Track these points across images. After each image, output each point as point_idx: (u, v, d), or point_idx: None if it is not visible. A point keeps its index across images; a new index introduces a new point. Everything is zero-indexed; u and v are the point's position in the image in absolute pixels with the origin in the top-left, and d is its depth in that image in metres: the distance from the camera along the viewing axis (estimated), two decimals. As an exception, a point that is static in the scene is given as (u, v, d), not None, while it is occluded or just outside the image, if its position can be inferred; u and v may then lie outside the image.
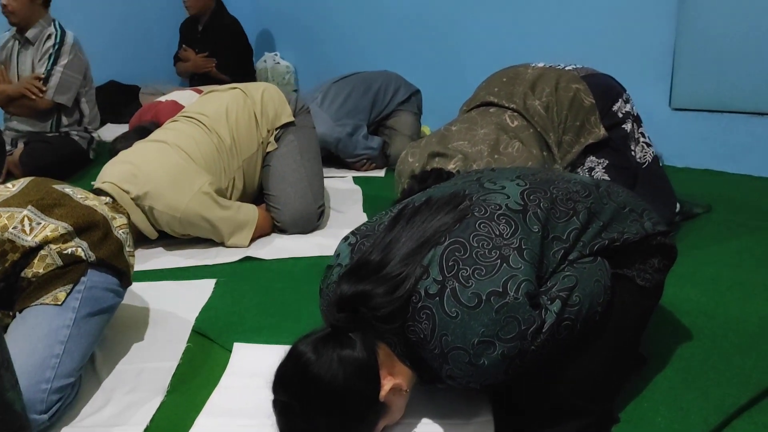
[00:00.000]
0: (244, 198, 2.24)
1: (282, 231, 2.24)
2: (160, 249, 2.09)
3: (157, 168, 1.98)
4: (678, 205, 2.06)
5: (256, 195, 2.32)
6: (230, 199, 2.15)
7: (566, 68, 2.06)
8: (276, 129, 2.25)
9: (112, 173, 2.00)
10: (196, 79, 4.03)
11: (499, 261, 1.09)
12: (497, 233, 1.13)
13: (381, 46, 3.70)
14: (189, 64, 4.05)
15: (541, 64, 2.11)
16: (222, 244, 2.11)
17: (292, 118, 2.27)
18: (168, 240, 2.13)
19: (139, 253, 1.69)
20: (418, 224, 1.18)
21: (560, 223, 1.18)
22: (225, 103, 2.20)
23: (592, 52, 2.76)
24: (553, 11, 2.95)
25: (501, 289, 1.05)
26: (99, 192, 1.92)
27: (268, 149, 2.25)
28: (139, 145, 2.15)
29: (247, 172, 2.22)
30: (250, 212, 2.14)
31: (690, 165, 2.77)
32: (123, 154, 2.10)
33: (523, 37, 3.07)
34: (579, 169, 1.97)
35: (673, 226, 2.03)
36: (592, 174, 1.94)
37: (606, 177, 1.93)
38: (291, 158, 2.26)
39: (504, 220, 1.15)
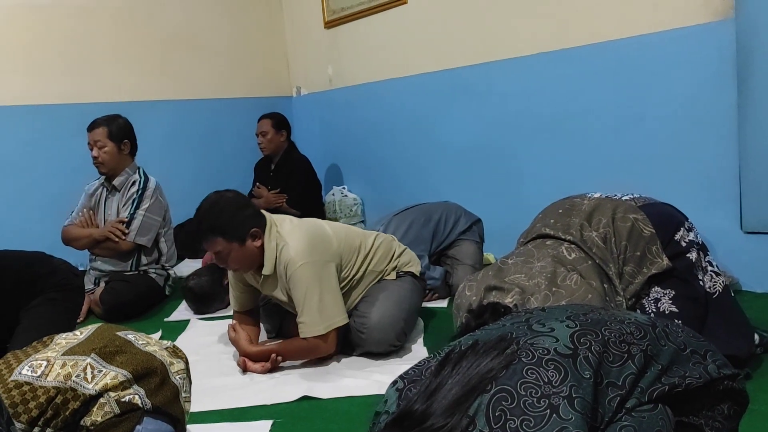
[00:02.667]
0: None
1: (359, 343, 2.28)
2: (218, 387, 2.11)
3: (312, 225, 2.34)
4: (757, 337, 1.93)
5: None
6: None
7: (623, 198, 2.04)
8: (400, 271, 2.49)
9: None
10: (268, 214, 4.22)
11: (548, 411, 1.04)
12: (546, 380, 1.08)
13: (442, 177, 3.80)
14: (261, 200, 4.27)
15: (597, 195, 2.11)
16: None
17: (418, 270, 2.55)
18: (229, 377, 2.15)
19: (197, 389, 1.71)
20: (464, 370, 1.15)
21: (614, 367, 1.13)
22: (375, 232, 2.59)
23: (653, 180, 2.74)
24: (610, 140, 2.97)
25: (551, 443, 1.00)
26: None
27: (386, 277, 2.45)
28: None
29: (360, 285, 2.40)
30: (342, 315, 2.24)
31: (769, 290, 2.61)
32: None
33: (581, 166, 3.09)
34: (644, 300, 1.90)
35: (751, 361, 1.89)
36: (658, 305, 1.86)
37: (673, 308, 1.85)
38: (395, 284, 2.44)
39: (553, 366, 1.10)
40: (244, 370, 2.26)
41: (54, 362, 1.40)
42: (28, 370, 1.38)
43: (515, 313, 1.45)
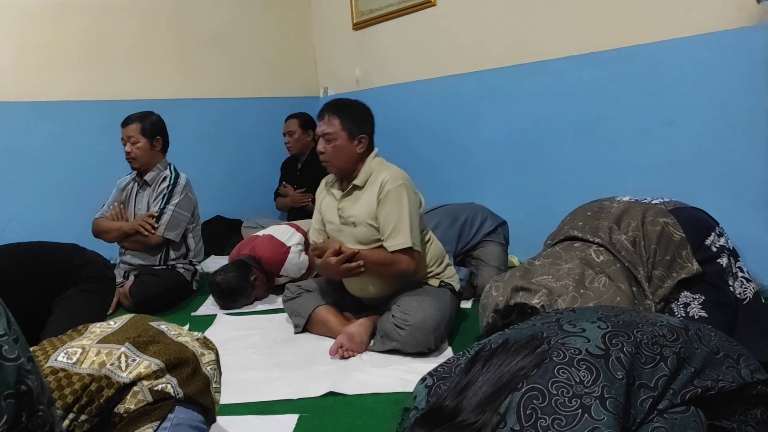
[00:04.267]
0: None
1: (394, 338, 2.29)
2: (244, 380, 2.13)
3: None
4: (788, 344, 1.90)
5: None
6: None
7: (653, 202, 2.03)
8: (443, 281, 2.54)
9: None
10: (293, 213, 4.26)
11: (579, 411, 1.04)
12: (577, 380, 1.08)
13: (469, 179, 3.80)
14: (287, 199, 4.31)
15: (626, 198, 2.10)
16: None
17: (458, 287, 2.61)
18: (256, 371, 2.18)
19: (223, 382, 1.73)
20: (495, 368, 1.16)
21: (647, 369, 1.13)
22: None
23: (682, 185, 2.72)
24: (639, 144, 2.95)
25: (582, 443, 1.00)
26: None
27: (430, 282, 2.50)
28: None
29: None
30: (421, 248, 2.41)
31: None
32: None
33: (609, 170, 3.06)
34: (673, 305, 1.89)
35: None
36: (687, 310, 1.85)
37: (703, 313, 1.83)
38: (438, 291, 2.48)
39: (584, 366, 1.10)
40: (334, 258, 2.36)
41: (89, 350, 1.43)
42: (63, 357, 1.41)
43: (545, 314, 1.45)
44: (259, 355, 2.42)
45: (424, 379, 1.31)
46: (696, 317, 1.84)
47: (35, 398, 0.77)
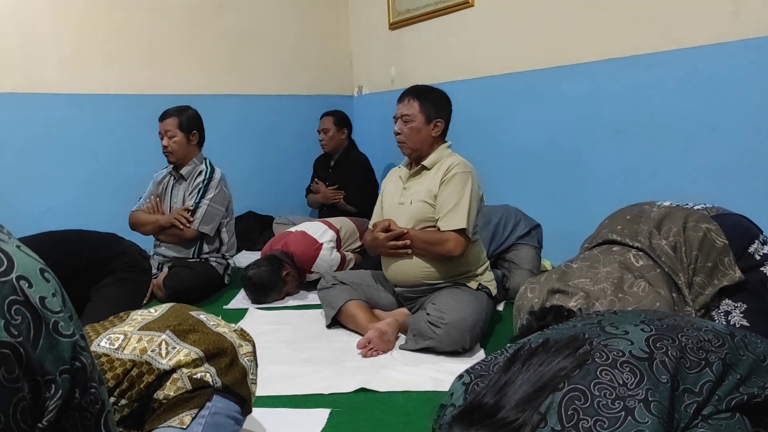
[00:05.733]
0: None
1: (428, 335, 2.28)
2: (276, 374, 2.15)
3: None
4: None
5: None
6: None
7: (695, 207, 2.00)
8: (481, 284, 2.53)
9: None
10: (325, 210, 4.28)
11: (623, 413, 1.02)
12: (620, 382, 1.07)
13: (503, 181, 3.77)
14: (319, 195, 4.33)
15: (667, 203, 2.07)
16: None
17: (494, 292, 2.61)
18: (287, 365, 2.20)
19: (262, 374, 1.75)
20: (535, 367, 1.15)
21: (691, 374, 1.11)
22: None
23: (723, 192, 2.66)
24: (680, 149, 2.90)
25: (625, 445, 0.98)
26: None
27: (467, 284, 2.50)
28: None
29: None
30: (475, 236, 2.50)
31: None
32: None
33: (648, 175, 3.02)
34: (713, 312, 1.85)
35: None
36: (729, 318, 1.81)
37: (744, 322, 1.79)
38: (475, 293, 2.48)
39: (628, 368, 1.09)
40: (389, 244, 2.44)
41: (131, 336, 1.46)
42: (106, 343, 1.44)
43: (585, 315, 1.43)
44: (291, 349, 2.44)
45: (461, 376, 1.30)
46: (737, 326, 1.80)
47: (88, 375, 0.79)
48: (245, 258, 3.88)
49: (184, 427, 1.35)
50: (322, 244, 3.22)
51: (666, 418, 1.04)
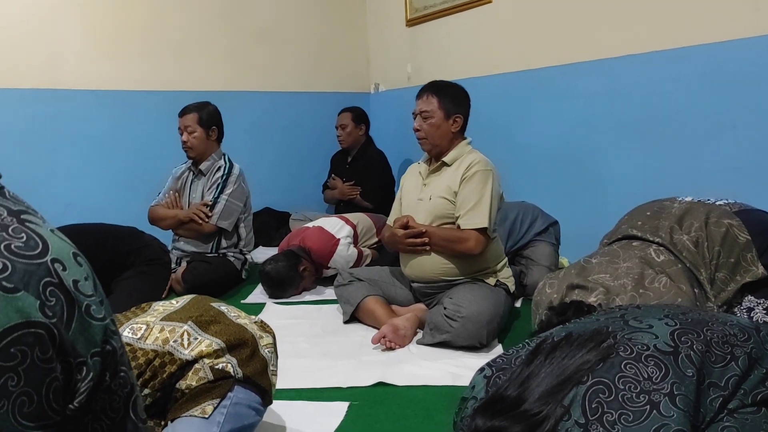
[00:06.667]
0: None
1: (445, 329, 2.28)
2: (295, 367, 2.16)
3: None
4: None
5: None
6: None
7: (717, 203, 1.98)
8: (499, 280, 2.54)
9: None
10: (341, 206, 4.29)
11: (648, 407, 1.02)
12: (645, 376, 1.06)
13: (520, 178, 3.76)
14: (336, 191, 4.34)
15: (688, 198, 2.05)
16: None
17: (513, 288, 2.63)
18: (305, 359, 2.21)
19: (280, 368, 1.76)
20: (558, 360, 1.14)
21: (717, 368, 1.10)
22: None
23: (743, 190, 2.62)
24: (699, 146, 2.87)
25: (650, 439, 0.98)
26: None
27: (486, 280, 2.50)
28: None
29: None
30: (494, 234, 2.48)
31: None
32: None
33: (667, 172, 2.98)
34: (736, 309, 1.83)
35: None
36: (751, 315, 1.79)
37: (767, 318, 1.77)
38: (493, 289, 2.48)
39: (653, 362, 1.08)
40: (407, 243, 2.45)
41: (153, 326, 1.47)
42: (129, 333, 1.45)
43: (608, 309, 1.43)
44: (308, 343, 2.45)
45: (482, 369, 1.30)
46: (760, 323, 1.78)
47: (119, 358, 0.79)
48: (262, 254, 3.90)
49: (207, 416, 1.36)
50: (339, 239, 3.23)
51: (692, 412, 1.03)
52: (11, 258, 0.68)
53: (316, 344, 2.44)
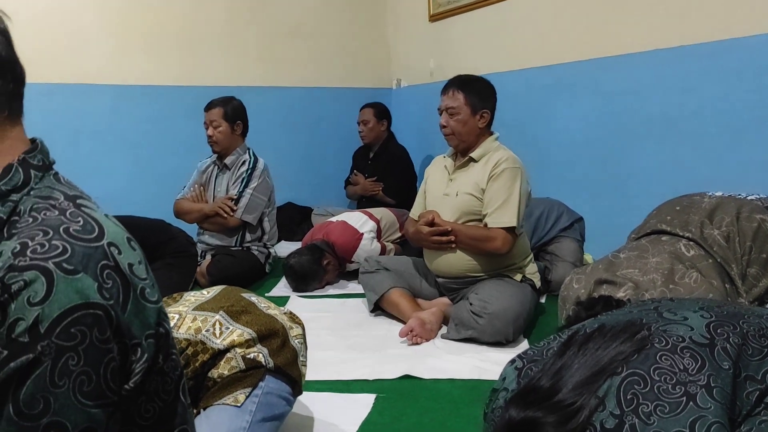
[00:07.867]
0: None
1: (471, 326, 2.28)
2: (321, 359, 2.17)
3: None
4: None
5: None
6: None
7: (748, 198, 1.96)
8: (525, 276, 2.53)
9: None
10: (363, 202, 4.30)
11: (684, 398, 1.01)
12: (681, 368, 1.05)
13: (544, 174, 3.73)
14: (358, 187, 4.35)
15: (718, 193, 2.03)
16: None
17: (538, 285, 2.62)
18: (331, 351, 2.22)
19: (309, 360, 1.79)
20: (592, 351, 1.14)
21: (753, 361, 1.09)
22: None
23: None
24: (727, 142, 2.83)
25: (688, 430, 0.97)
26: None
27: (513, 276, 2.50)
28: None
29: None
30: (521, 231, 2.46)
31: None
32: None
33: (694, 169, 2.95)
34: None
35: None
36: (785, 311, 1.77)
37: (801, 315, 1.75)
38: (520, 286, 2.47)
39: (689, 354, 1.07)
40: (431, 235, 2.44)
41: (185, 316, 1.49)
42: (162, 322, 1.47)
43: (640, 302, 1.42)
44: (333, 336, 2.46)
45: (513, 361, 1.29)
46: (793, 319, 1.76)
47: (170, 341, 0.81)
48: (284, 248, 3.91)
49: (239, 404, 1.37)
50: (362, 234, 3.24)
51: (729, 405, 1.02)
52: (70, 241, 0.70)
53: (341, 337, 2.45)
